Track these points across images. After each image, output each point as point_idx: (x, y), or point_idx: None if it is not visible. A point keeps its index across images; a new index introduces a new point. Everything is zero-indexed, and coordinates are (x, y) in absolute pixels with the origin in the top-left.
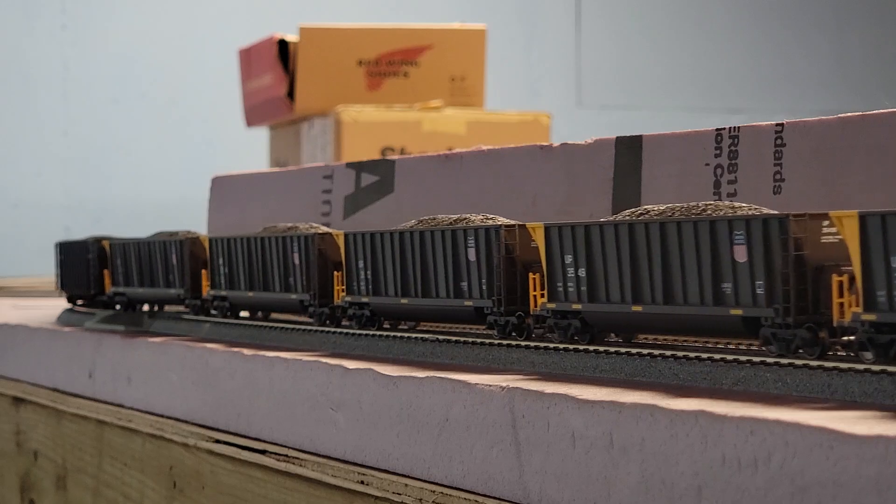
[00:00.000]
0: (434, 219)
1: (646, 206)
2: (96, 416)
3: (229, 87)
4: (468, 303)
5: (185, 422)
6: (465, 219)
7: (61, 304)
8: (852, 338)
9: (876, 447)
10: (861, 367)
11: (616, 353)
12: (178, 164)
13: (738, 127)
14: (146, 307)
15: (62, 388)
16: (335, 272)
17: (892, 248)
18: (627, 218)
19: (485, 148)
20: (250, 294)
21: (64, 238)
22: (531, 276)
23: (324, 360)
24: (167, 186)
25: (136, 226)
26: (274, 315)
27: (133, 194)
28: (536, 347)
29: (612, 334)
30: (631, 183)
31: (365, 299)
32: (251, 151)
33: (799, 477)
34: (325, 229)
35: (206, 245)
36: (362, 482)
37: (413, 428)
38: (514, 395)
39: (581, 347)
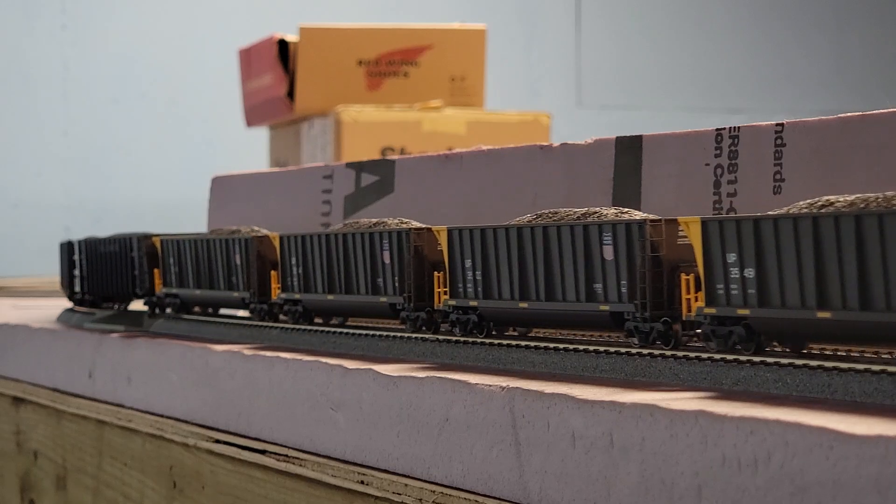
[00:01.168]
0: (556, 212)
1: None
2: (96, 416)
3: (229, 87)
4: (604, 307)
5: (185, 422)
6: (596, 212)
7: (61, 304)
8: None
9: (876, 447)
10: (861, 367)
11: (616, 353)
12: (178, 164)
13: (738, 127)
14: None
15: (62, 388)
16: (435, 273)
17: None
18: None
19: (485, 148)
20: (330, 297)
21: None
22: (683, 277)
23: (324, 360)
24: (167, 186)
25: (136, 226)
26: (353, 320)
27: (133, 194)
28: (536, 347)
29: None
30: (631, 183)
31: (473, 303)
32: (251, 151)
33: (799, 477)
34: (417, 224)
35: (276, 244)
36: (362, 482)
37: (413, 428)
38: (514, 395)
39: (581, 348)
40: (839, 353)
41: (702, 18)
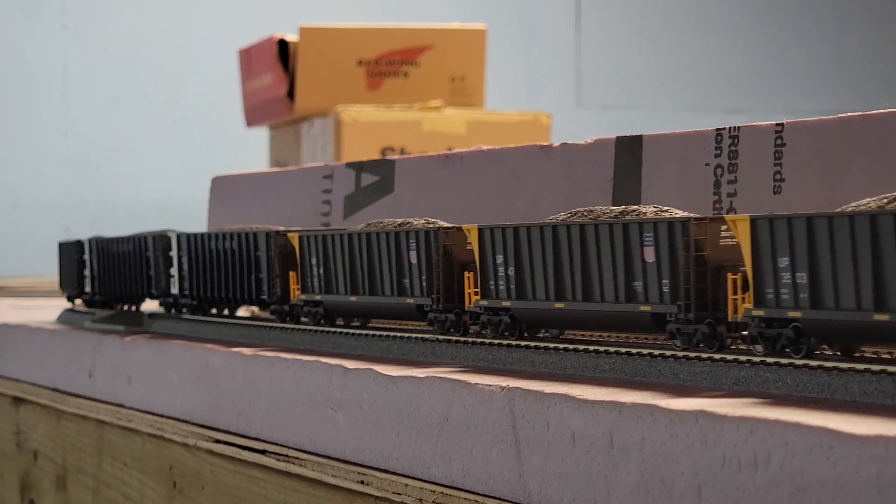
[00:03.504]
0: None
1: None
2: (96, 416)
3: (229, 87)
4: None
5: (185, 422)
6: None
7: (61, 304)
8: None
9: (876, 447)
10: (861, 366)
11: (616, 353)
12: (178, 164)
13: (738, 127)
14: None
15: (62, 388)
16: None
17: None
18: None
19: (485, 148)
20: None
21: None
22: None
23: (324, 360)
24: (167, 186)
25: (136, 226)
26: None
27: (133, 194)
28: (536, 347)
29: None
30: (631, 183)
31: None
32: (251, 151)
33: (799, 477)
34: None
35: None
36: (362, 482)
37: (413, 428)
38: (514, 395)
39: (581, 347)
40: (839, 353)
41: (702, 18)
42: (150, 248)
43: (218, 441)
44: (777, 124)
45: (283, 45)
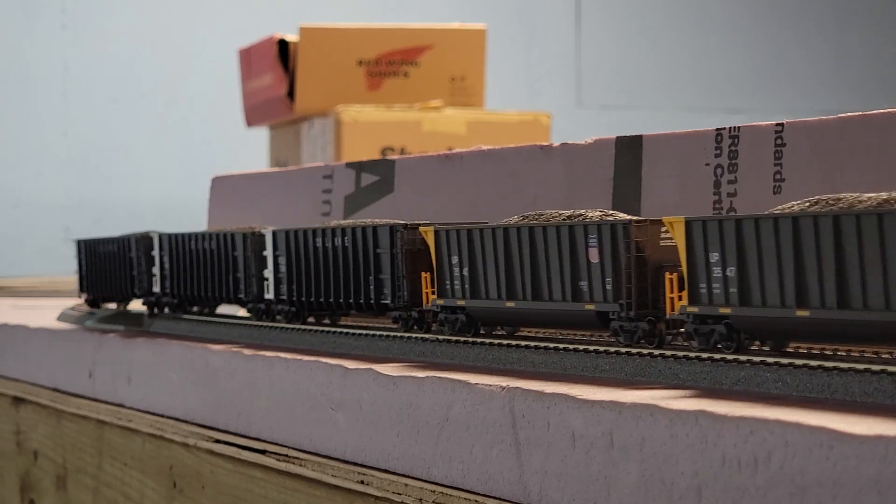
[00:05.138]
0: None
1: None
2: (96, 416)
3: (229, 87)
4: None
5: (185, 422)
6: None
7: (61, 303)
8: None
9: (876, 447)
10: (861, 366)
11: (616, 352)
12: (178, 164)
13: (738, 127)
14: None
15: (62, 388)
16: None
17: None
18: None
19: (485, 148)
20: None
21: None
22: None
23: (324, 360)
24: (167, 186)
25: (136, 226)
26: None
27: (133, 194)
28: (536, 347)
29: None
30: (631, 183)
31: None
32: (251, 151)
33: (799, 477)
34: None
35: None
36: (362, 482)
37: (413, 428)
38: (514, 395)
39: (581, 347)
40: (839, 353)
41: (702, 18)
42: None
43: (218, 441)
44: (777, 124)
45: (283, 45)
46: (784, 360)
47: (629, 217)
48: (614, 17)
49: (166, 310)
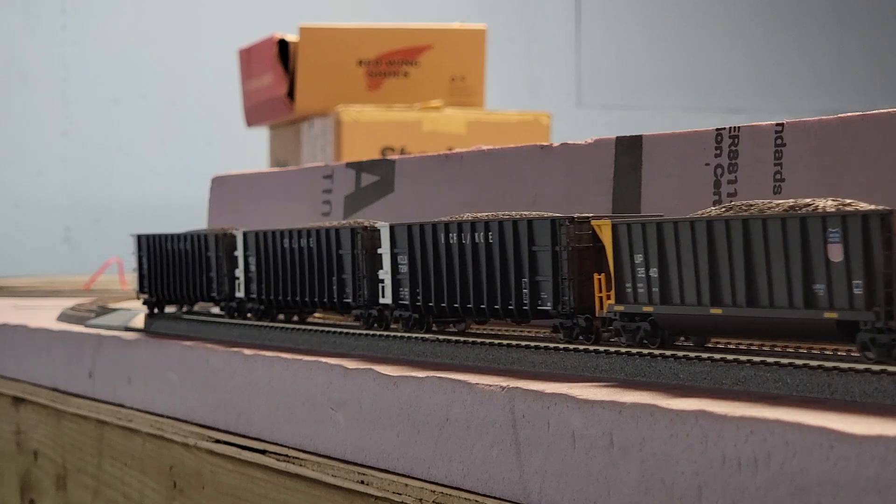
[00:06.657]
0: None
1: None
2: (96, 416)
3: (229, 87)
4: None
5: (185, 422)
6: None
7: (61, 303)
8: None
9: (876, 447)
10: (861, 366)
11: (616, 352)
12: (178, 164)
13: (738, 127)
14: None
15: (62, 388)
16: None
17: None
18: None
19: (485, 148)
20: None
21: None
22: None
23: (324, 360)
24: (167, 186)
25: (136, 226)
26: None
27: (133, 194)
28: (536, 347)
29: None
30: (631, 183)
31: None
32: (251, 151)
33: (799, 477)
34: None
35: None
36: (362, 482)
37: (413, 428)
38: (514, 395)
39: (581, 347)
40: (839, 353)
41: (702, 18)
42: (353, 241)
43: (218, 441)
44: (777, 124)
45: (283, 45)
46: (784, 360)
47: (872, 206)
48: (614, 17)
49: (249, 315)
